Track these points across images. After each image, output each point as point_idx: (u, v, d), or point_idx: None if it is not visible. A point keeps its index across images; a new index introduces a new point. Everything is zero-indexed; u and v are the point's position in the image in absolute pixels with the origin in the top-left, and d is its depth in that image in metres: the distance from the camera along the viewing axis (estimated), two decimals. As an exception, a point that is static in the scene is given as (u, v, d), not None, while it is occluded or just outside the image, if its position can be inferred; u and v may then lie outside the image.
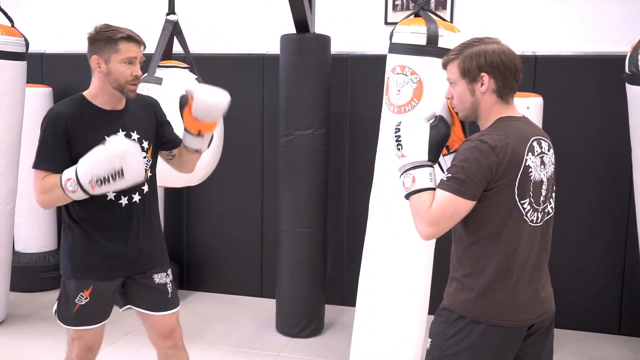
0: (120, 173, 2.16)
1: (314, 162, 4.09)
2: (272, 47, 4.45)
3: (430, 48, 3.06)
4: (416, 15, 3.20)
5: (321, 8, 4.37)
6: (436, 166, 1.94)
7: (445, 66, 1.94)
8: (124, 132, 2.38)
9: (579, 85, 4.28)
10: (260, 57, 4.79)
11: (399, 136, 1.89)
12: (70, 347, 2.51)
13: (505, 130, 1.84)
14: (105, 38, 2.30)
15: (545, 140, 1.93)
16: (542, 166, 1.88)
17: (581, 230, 4.35)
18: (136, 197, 2.43)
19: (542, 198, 1.89)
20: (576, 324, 4.37)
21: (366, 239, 3.38)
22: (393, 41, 3.21)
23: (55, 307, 2.49)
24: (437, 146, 1.90)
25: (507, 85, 1.88)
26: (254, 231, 4.98)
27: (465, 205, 1.79)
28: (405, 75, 3.11)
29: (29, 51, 4.10)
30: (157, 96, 3.53)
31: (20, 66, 4.04)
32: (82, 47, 5.83)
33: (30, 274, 4.90)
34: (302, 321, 4.16)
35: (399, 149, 1.89)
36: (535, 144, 1.87)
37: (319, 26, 4.24)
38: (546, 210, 1.92)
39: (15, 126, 4.08)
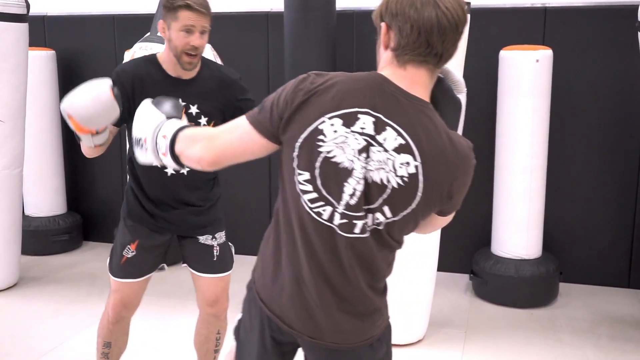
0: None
1: (321, 121, 4.05)
2: (277, 4, 4.38)
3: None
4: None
5: (325, -37, 4.28)
6: None
7: None
8: (184, 103, 2.29)
9: (589, 37, 4.20)
10: (264, 15, 4.71)
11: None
12: (109, 300, 2.55)
13: None
14: (168, 5, 2.28)
15: None
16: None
17: (591, 184, 4.32)
18: (183, 170, 2.35)
19: None
20: (586, 278, 4.38)
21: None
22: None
23: (108, 260, 2.53)
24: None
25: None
26: (262, 192, 4.97)
27: None
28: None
29: (30, 13, 4.05)
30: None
31: (22, 28, 3.99)
32: (84, 8, 5.71)
33: (40, 237, 4.93)
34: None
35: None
36: None
37: (324, -19, 4.15)
38: None
39: (19, 90, 4.05)
